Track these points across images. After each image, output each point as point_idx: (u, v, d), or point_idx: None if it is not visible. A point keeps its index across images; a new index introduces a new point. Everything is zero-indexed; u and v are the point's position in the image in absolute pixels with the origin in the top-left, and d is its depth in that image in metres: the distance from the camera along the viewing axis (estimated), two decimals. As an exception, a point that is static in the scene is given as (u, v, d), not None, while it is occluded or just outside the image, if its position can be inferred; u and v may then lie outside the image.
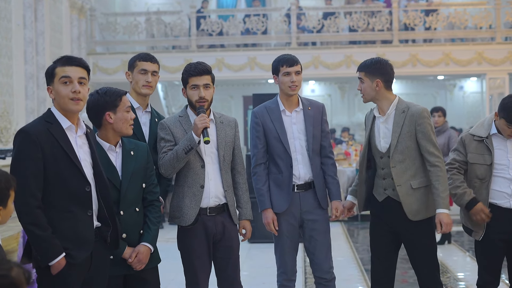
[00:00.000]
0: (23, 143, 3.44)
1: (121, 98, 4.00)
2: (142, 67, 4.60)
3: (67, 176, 3.47)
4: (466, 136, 4.78)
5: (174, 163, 4.34)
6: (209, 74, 4.48)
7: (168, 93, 19.47)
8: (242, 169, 4.65)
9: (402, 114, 4.57)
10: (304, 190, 4.79)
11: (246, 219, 4.60)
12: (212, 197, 4.44)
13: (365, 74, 4.63)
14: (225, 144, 4.52)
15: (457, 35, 16.66)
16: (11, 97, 11.95)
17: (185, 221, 4.41)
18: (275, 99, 4.90)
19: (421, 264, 4.61)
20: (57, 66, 3.59)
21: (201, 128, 4.26)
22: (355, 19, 16.52)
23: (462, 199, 4.67)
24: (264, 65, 16.06)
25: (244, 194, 4.62)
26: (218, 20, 16.89)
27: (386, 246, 4.67)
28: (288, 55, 4.85)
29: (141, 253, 3.95)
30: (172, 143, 4.42)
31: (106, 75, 16.20)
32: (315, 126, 4.82)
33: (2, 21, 11.60)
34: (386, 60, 4.69)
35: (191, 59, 15.92)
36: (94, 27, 16.61)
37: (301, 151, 4.78)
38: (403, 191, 4.54)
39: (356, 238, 9.96)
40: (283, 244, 4.80)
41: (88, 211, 3.54)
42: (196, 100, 4.43)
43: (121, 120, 3.97)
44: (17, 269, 2.20)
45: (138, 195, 4.05)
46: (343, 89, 20.74)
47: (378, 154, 4.65)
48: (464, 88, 20.57)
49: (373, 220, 4.77)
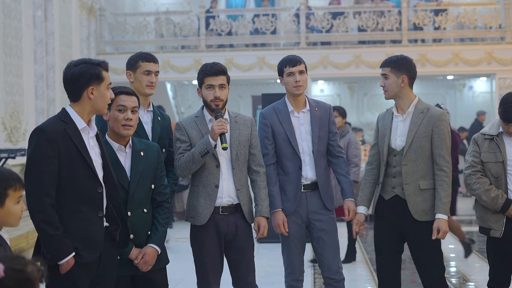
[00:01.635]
0: (40, 142, 3.43)
1: (115, 96, 3.88)
2: (146, 68, 4.62)
3: (81, 177, 3.48)
4: (478, 136, 4.79)
5: (190, 165, 4.39)
6: (225, 74, 4.50)
7: (177, 93, 19.50)
8: (259, 167, 4.64)
9: (421, 114, 4.59)
10: (310, 190, 4.79)
11: (262, 216, 4.59)
12: (225, 196, 4.46)
13: (390, 70, 4.62)
14: (239, 143, 4.53)
15: (467, 35, 16.60)
16: (21, 96, 12.01)
17: (200, 220, 4.43)
18: (283, 100, 4.90)
19: (426, 265, 4.59)
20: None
21: (218, 133, 4.29)
22: (364, 18, 16.49)
23: (496, 202, 4.64)
24: (273, 65, 16.05)
25: (261, 191, 4.62)
26: (227, 20, 16.90)
27: (391, 246, 4.66)
28: (291, 55, 4.86)
29: (147, 254, 3.95)
30: (188, 143, 4.46)
31: (115, 74, 16.22)
32: (321, 127, 4.82)
33: (12, 21, 11.65)
34: (410, 58, 4.71)
35: (200, 59, 15.95)
36: (103, 27, 16.65)
37: (308, 152, 4.79)
38: (410, 190, 4.55)
39: (365, 238, 9.94)
40: (290, 244, 4.80)
41: (99, 212, 3.54)
42: (211, 100, 4.45)
43: (112, 118, 3.99)
44: (32, 266, 2.22)
45: (147, 196, 4.05)
46: (352, 89, 20.72)
47: (392, 152, 4.65)
48: (473, 88, 20.51)
49: (378, 220, 4.76)
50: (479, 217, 4.79)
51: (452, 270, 7.84)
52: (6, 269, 2.15)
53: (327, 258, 4.79)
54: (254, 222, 4.60)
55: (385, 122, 4.75)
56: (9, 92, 11.50)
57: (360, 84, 20.50)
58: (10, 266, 2.17)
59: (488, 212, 4.70)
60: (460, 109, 20.21)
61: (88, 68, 3.53)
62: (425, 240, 4.54)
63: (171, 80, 17.62)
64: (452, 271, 7.75)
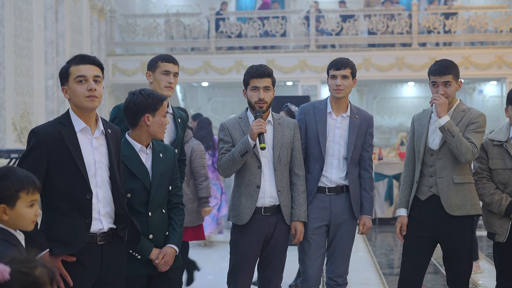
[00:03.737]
0: (31, 143, 3.50)
1: (162, 102, 4.03)
2: (164, 68, 4.60)
3: (70, 182, 3.49)
4: (486, 142, 4.75)
5: (230, 165, 4.46)
6: (270, 77, 4.56)
7: (187, 95, 19.52)
8: (300, 171, 4.66)
9: (462, 112, 4.62)
10: (335, 194, 4.75)
11: (299, 221, 4.60)
12: (267, 197, 4.52)
13: (453, 77, 4.61)
14: (281, 145, 4.57)
15: (477, 38, 16.56)
16: (31, 97, 12.06)
17: (241, 220, 4.50)
18: (326, 100, 4.89)
19: (457, 260, 4.59)
20: (71, 66, 3.55)
21: (256, 133, 4.34)
22: (374, 22, 16.47)
23: (500, 205, 4.63)
24: (282, 67, 16.05)
25: (300, 195, 4.63)
26: (237, 22, 16.92)
27: (420, 253, 4.66)
28: (340, 58, 4.82)
29: (167, 254, 3.99)
30: (230, 144, 4.52)
31: (125, 76, 16.28)
32: (358, 135, 4.77)
33: (23, 22, 11.70)
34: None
35: (209, 61, 15.97)
36: (113, 28, 16.70)
37: (338, 156, 4.75)
38: (444, 184, 4.56)
39: (374, 241, 9.93)
40: (306, 248, 4.76)
41: (87, 219, 3.53)
42: (255, 101, 4.50)
43: (157, 124, 4.00)
44: (42, 268, 2.21)
45: (165, 197, 4.10)
46: (362, 92, 20.67)
47: (428, 152, 4.65)
48: (483, 92, 20.42)
49: (411, 224, 4.72)
50: (485, 222, 4.79)
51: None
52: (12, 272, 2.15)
53: (336, 261, 4.80)
54: (291, 226, 4.62)
55: (422, 122, 4.73)
56: (19, 93, 11.55)
57: (369, 87, 20.45)
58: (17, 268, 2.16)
59: (493, 217, 4.69)
60: (470, 113, 20.10)
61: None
62: (458, 235, 4.56)
63: (181, 82, 17.62)
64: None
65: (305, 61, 16.00)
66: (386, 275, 7.60)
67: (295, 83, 17.13)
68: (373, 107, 20.83)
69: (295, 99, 9.82)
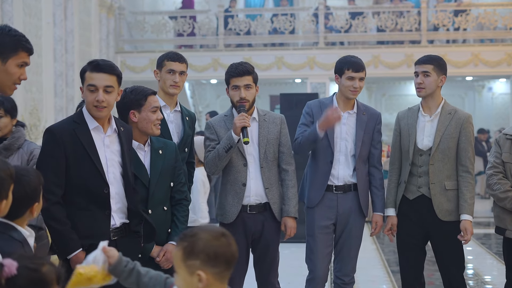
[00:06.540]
0: (48, 142, 3.58)
1: (147, 97, 4.01)
2: (170, 67, 4.59)
3: (87, 177, 3.56)
4: (500, 137, 4.76)
5: (216, 162, 4.43)
6: (250, 74, 4.49)
7: (195, 92, 19.52)
8: (288, 166, 4.63)
9: (449, 115, 4.63)
10: (343, 192, 4.72)
11: (289, 216, 4.57)
12: (253, 195, 4.49)
13: (433, 68, 4.64)
14: (267, 142, 4.54)
15: (486, 35, 16.48)
16: (40, 94, 12.08)
17: (228, 218, 4.48)
18: (331, 98, 4.84)
19: (448, 264, 4.62)
20: (87, 71, 3.62)
21: (239, 127, 4.30)
22: (383, 19, 16.43)
23: None
24: (291, 64, 16.03)
25: (289, 190, 4.59)
26: (245, 20, 16.90)
27: (415, 247, 4.69)
28: (354, 57, 4.74)
29: (169, 252, 3.98)
30: (216, 141, 4.50)
31: (134, 73, 16.28)
32: (366, 132, 4.73)
33: (33, 19, 11.73)
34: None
35: (218, 58, 15.96)
36: (122, 25, 16.72)
37: (345, 153, 4.71)
38: (436, 190, 4.58)
39: (382, 239, 9.90)
40: (313, 247, 4.74)
41: (105, 211, 3.60)
42: (237, 100, 4.47)
43: (145, 120, 3.98)
44: (49, 266, 2.22)
45: (166, 194, 4.09)
46: (370, 89, 20.63)
47: (418, 152, 4.64)
48: (493, 89, 20.36)
49: (401, 221, 4.75)
50: (497, 216, 4.76)
51: (470, 272, 7.79)
52: (20, 267, 2.16)
53: (343, 260, 4.78)
54: (282, 223, 4.59)
55: (409, 121, 4.73)
56: (28, 90, 11.58)
57: (378, 84, 20.41)
58: (25, 264, 2.18)
59: (505, 212, 4.67)
60: (479, 111, 20.06)
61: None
62: (448, 240, 4.58)
63: (189, 79, 17.61)
64: (469, 273, 7.70)
65: (314, 58, 15.97)
66: (395, 272, 7.57)
67: (303, 80, 17.11)
68: (382, 105, 20.79)
69: (304, 96, 9.77)
